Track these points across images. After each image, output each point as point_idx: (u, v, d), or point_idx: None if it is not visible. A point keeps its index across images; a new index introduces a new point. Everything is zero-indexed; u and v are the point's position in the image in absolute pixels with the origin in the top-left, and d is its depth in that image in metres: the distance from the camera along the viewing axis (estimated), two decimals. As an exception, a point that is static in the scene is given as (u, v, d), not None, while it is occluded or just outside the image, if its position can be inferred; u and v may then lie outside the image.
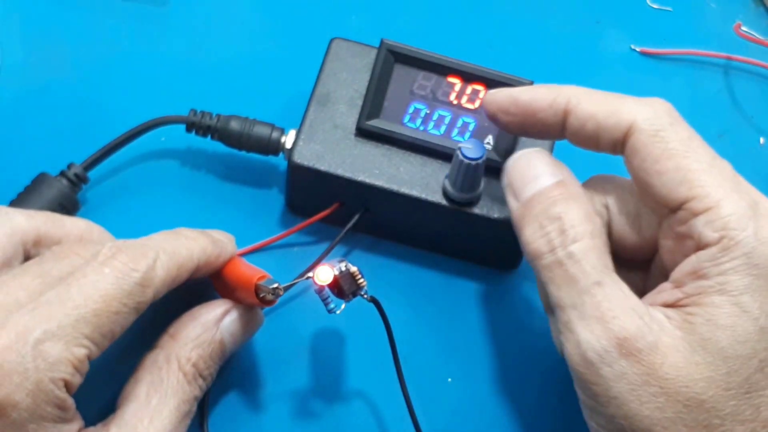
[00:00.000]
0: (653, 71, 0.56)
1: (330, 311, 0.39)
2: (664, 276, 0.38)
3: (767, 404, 0.35)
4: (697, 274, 0.36)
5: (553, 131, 0.40)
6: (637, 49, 0.56)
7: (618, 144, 0.38)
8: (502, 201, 0.45)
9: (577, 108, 0.39)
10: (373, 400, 0.45)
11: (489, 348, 0.47)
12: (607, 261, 0.37)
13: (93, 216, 0.47)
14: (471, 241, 0.47)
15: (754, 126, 0.55)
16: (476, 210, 0.45)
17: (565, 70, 0.55)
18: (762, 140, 0.54)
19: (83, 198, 0.48)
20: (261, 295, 0.39)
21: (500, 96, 0.41)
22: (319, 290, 0.39)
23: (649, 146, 0.37)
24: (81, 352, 0.34)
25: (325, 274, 0.38)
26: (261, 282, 0.39)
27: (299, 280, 0.40)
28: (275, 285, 0.39)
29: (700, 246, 0.36)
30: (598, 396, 0.36)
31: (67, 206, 0.46)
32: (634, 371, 0.35)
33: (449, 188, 0.44)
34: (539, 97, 0.40)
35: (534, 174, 0.39)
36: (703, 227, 0.36)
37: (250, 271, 0.41)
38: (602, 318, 0.35)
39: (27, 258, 0.39)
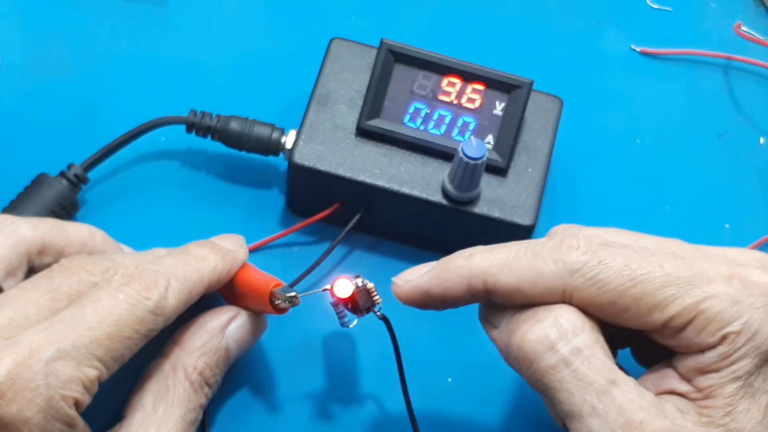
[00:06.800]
0: (653, 71, 0.56)
1: (343, 325, 0.39)
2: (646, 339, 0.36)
3: None
4: (706, 370, 0.34)
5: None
6: (637, 49, 0.56)
7: (561, 303, 0.35)
8: (501, 200, 0.45)
9: (497, 286, 0.35)
10: (373, 400, 0.45)
11: (489, 348, 0.47)
12: (610, 354, 0.34)
13: (93, 217, 0.48)
14: (471, 240, 0.47)
15: (754, 126, 0.55)
16: (476, 209, 0.45)
17: (565, 70, 0.55)
18: (762, 140, 0.54)
19: (83, 199, 0.48)
20: (276, 302, 0.39)
21: (409, 292, 0.38)
22: (336, 303, 0.39)
23: (596, 298, 0.34)
24: (92, 373, 0.34)
25: (344, 287, 0.39)
26: (277, 289, 0.39)
27: (317, 290, 0.40)
28: (292, 294, 0.39)
29: (702, 349, 0.34)
30: None
31: (67, 207, 0.46)
32: None
33: (449, 187, 0.44)
34: (451, 287, 0.36)
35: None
36: (697, 336, 0.34)
37: (264, 278, 0.40)
38: (629, 424, 0.32)
39: (31, 267, 0.39)
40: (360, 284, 0.39)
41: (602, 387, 0.33)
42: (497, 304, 0.37)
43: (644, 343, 0.37)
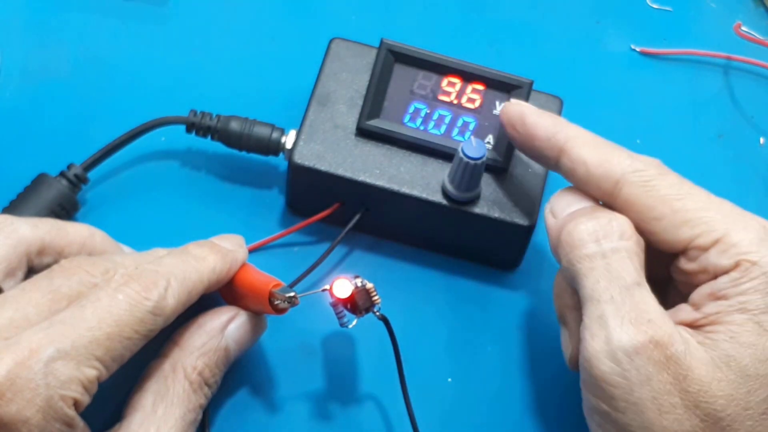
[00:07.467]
0: (653, 71, 0.56)
1: (342, 325, 0.39)
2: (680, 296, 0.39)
3: None
4: (716, 296, 0.36)
5: (548, 162, 0.41)
6: (637, 49, 0.56)
7: (608, 196, 0.39)
8: (501, 200, 0.45)
9: (572, 150, 0.40)
10: (373, 400, 0.45)
11: (489, 348, 0.47)
12: (644, 270, 0.37)
13: (93, 217, 0.48)
14: (471, 240, 0.47)
15: (754, 126, 0.55)
16: (476, 209, 0.45)
17: (565, 70, 0.55)
18: (762, 140, 0.55)
19: (83, 199, 0.48)
20: (275, 303, 0.39)
21: (513, 109, 0.42)
22: (335, 303, 0.39)
23: (642, 197, 0.38)
24: (92, 373, 0.34)
25: (343, 288, 0.39)
26: (276, 290, 0.39)
27: (316, 291, 0.40)
28: (291, 294, 0.39)
29: (717, 274, 0.36)
30: (615, 400, 0.35)
31: (67, 207, 0.46)
32: (659, 378, 0.34)
33: (449, 188, 0.45)
34: (541, 126, 0.41)
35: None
36: (716, 258, 0.36)
37: (263, 278, 0.40)
38: (639, 318, 0.35)
39: (31, 267, 0.39)
40: (359, 284, 0.39)
41: (627, 284, 0.36)
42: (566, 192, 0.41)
43: (664, 294, 0.40)
